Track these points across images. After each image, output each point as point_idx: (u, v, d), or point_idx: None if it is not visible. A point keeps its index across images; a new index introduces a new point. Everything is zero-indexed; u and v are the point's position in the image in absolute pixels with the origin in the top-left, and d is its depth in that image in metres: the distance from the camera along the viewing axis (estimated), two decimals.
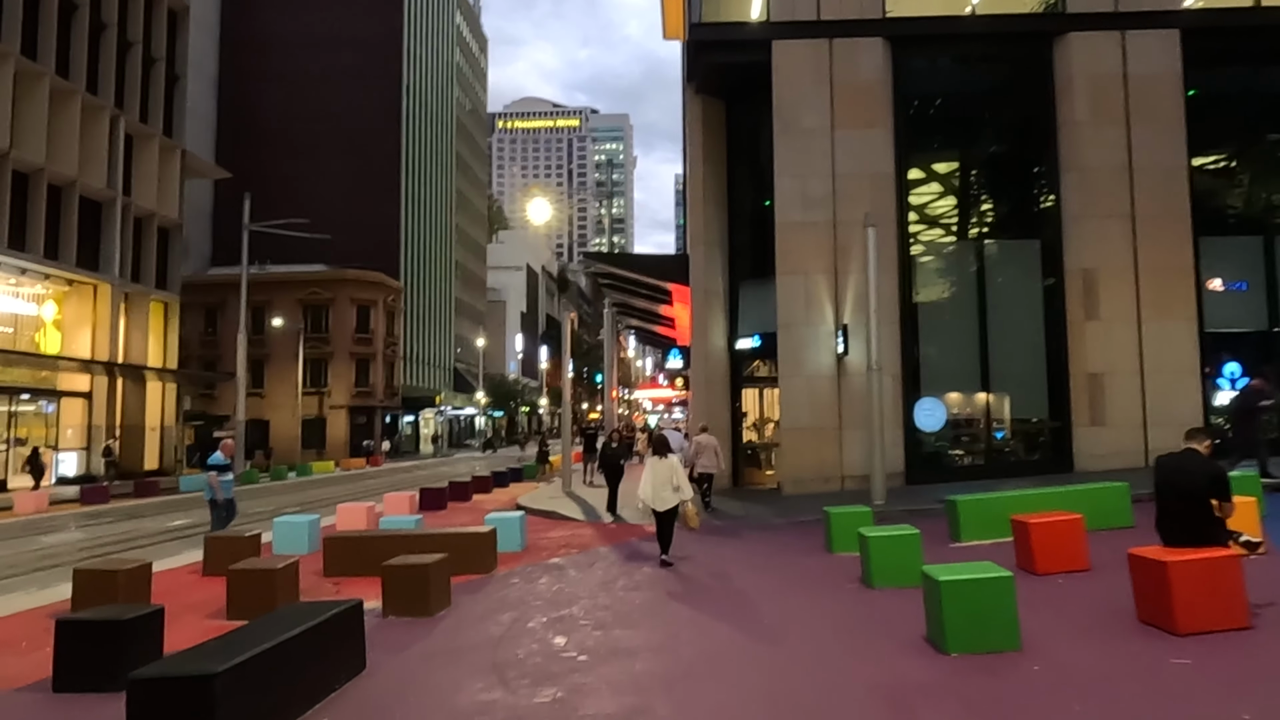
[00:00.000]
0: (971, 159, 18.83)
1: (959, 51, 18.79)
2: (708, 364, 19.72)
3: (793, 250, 17.87)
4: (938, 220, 18.75)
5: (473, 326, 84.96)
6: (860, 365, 17.30)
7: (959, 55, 18.91)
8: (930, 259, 18.82)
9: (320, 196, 64.24)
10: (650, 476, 10.59)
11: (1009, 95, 18.94)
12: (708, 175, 20.08)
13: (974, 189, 18.61)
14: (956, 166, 19.10)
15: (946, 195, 18.97)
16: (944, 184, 19.04)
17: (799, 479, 17.55)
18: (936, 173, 19.08)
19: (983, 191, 18.53)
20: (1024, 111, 18.74)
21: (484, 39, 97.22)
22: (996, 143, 18.79)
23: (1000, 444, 18.28)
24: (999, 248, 18.57)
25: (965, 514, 10.87)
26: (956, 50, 18.74)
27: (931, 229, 18.72)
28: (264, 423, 60.37)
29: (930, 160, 18.97)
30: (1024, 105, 18.73)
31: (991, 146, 18.74)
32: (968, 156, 18.93)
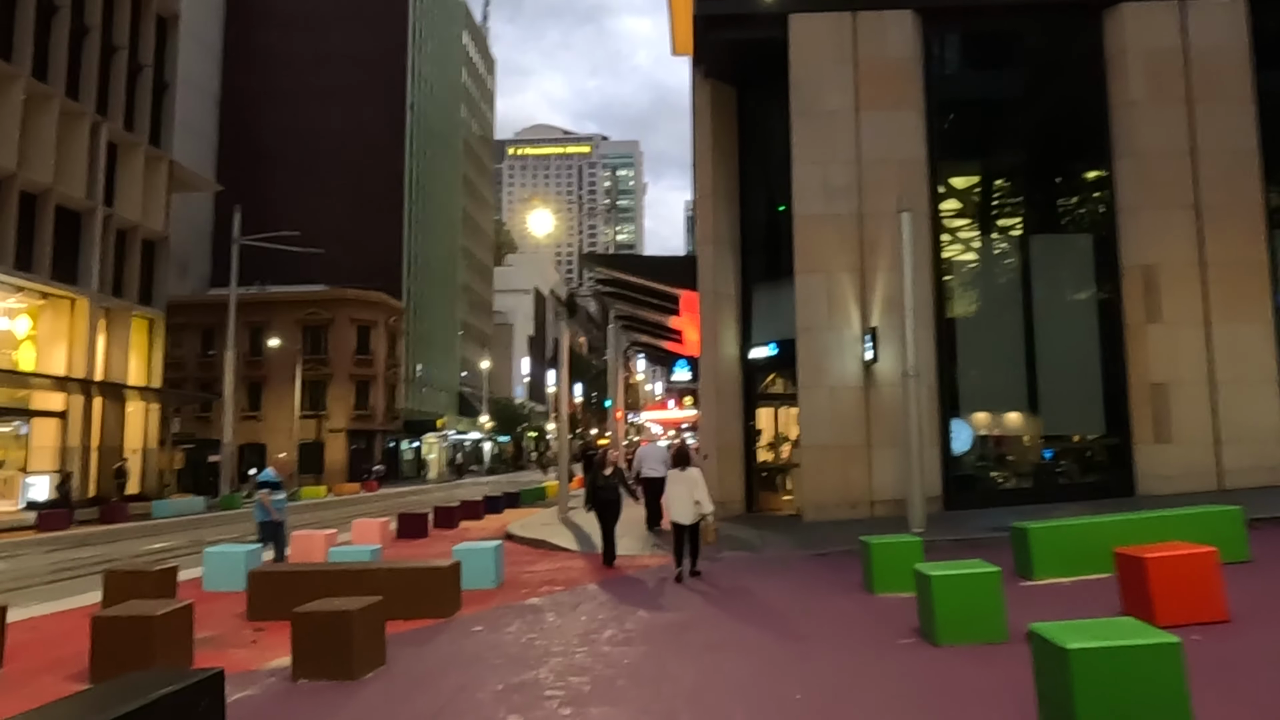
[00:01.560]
0: (1012, 145, 16.84)
1: (997, 25, 16.87)
2: (718, 376, 17.69)
3: (813, 246, 15.91)
4: (975, 212, 16.76)
5: (479, 350, 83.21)
6: (891, 374, 15.26)
7: (997, 29, 16.99)
8: (967, 256, 16.80)
9: (322, 215, 62.88)
10: (671, 489, 10.73)
11: (1053, 73, 16.98)
12: (717, 166, 18.19)
13: (1015, 178, 16.62)
14: (995, 153, 17.11)
15: (984, 185, 16.99)
16: (981, 172, 17.06)
17: (821, 504, 15.45)
18: (973, 160, 17.10)
19: (1025, 181, 16.54)
20: (1070, 91, 16.80)
21: (491, 60, 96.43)
22: (1040, 126, 16.79)
23: (1050, 464, 16.12)
24: (1045, 244, 16.52)
25: (1039, 545, 8.77)
26: (994, 23, 16.83)
27: (968, 222, 16.72)
28: (260, 446, 58.53)
29: (965, 146, 17.00)
30: (1070, 84, 16.80)
31: (1034, 131, 16.74)
32: (1007, 142, 16.94)
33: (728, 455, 17.49)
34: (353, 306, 59.37)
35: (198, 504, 30.86)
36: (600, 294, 26.77)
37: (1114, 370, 15.83)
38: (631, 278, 20.50)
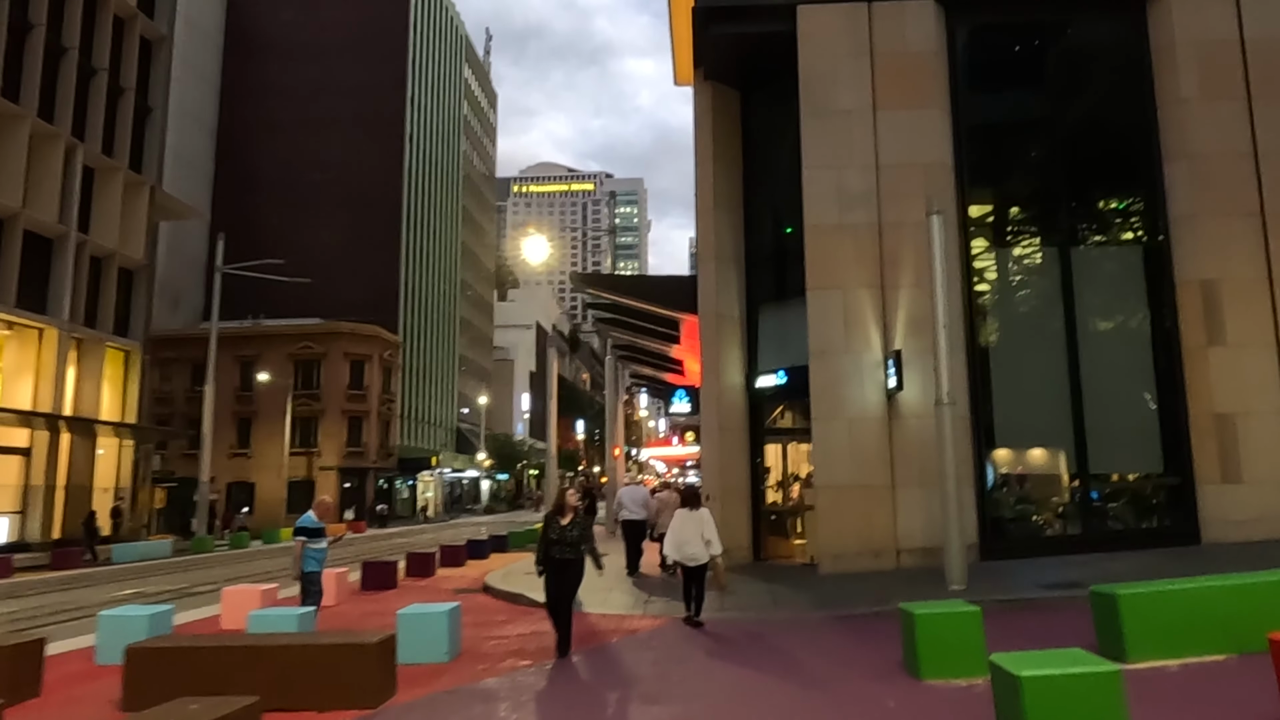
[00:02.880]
0: (1048, 147, 15.11)
1: (1028, 15, 15.26)
2: (721, 407, 15.82)
3: (827, 259, 14.13)
4: (1008, 223, 14.98)
5: (478, 385, 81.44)
6: (917, 403, 13.39)
7: (1028, 19, 15.38)
8: (1000, 271, 15.00)
9: (317, 247, 61.56)
10: (678, 530, 10.11)
11: (1092, 68, 15.30)
12: (719, 176, 16.49)
13: (1052, 183, 14.87)
14: (1030, 156, 15.38)
15: (1017, 192, 15.24)
16: (1014, 178, 15.32)
17: (840, 552, 13.48)
18: (1005, 164, 15.38)
19: (1064, 187, 14.78)
20: (1112, 88, 15.14)
21: (493, 94, 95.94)
22: (1079, 127, 15.07)
23: (1100, 507, 14.14)
24: (1088, 256, 14.73)
25: (1133, 616, 6.80)
26: (1025, 13, 15.22)
27: (1001, 233, 14.92)
28: (249, 485, 56.67)
29: (997, 148, 15.29)
30: (1112, 80, 15.14)
31: (1073, 132, 15.02)
32: (1043, 144, 15.21)
33: (732, 496, 15.57)
34: (346, 340, 57.71)
35: (164, 548, 28.82)
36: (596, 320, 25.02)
37: (1171, 400, 13.94)
38: (628, 300, 18.72)
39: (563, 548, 8.83)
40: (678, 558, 10.11)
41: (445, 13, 77.28)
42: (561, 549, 8.83)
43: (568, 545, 8.83)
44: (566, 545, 8.83)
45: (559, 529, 8.88)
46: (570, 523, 8.92)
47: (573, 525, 8.91)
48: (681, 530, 10.06)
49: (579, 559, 8.92)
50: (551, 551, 8.87)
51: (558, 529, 8.89)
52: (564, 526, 8.88)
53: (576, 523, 8.96)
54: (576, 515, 8.98)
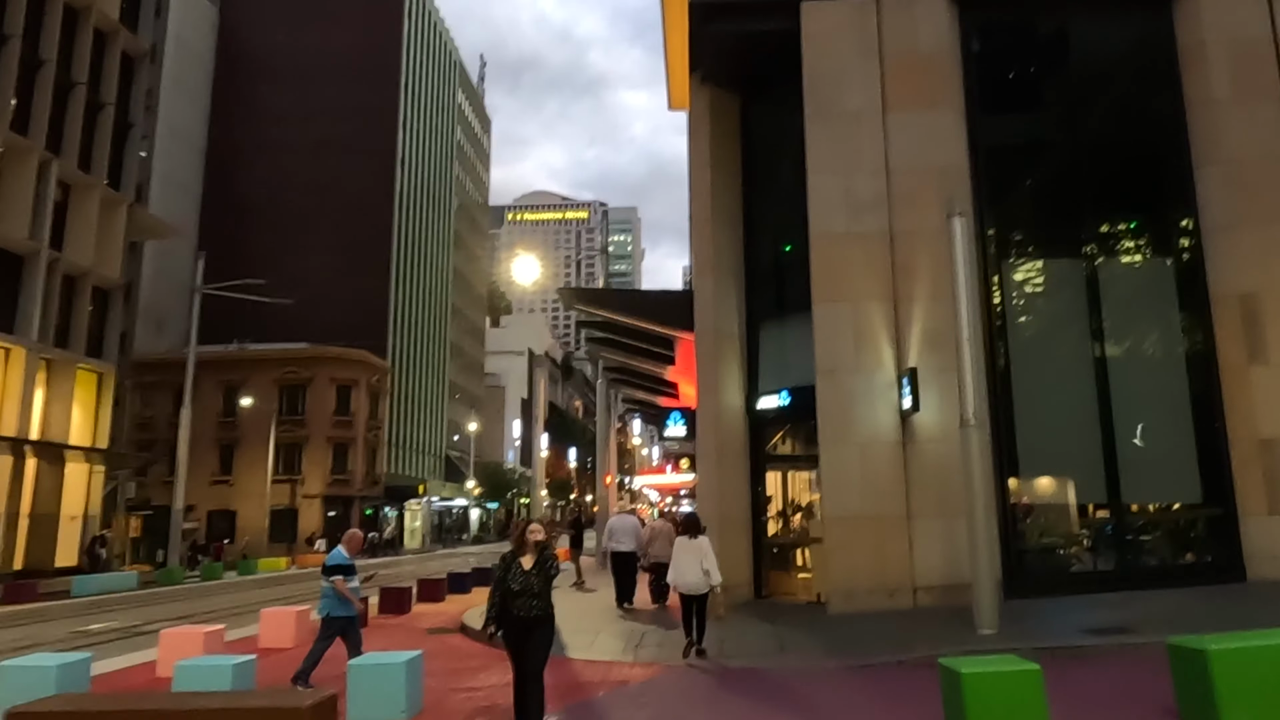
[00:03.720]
0: (1070, 151, 14.09)
1: (1047, 11, 14.36)
2: (719, 431, 14.66)
3: (834, 270, 13.06)
4: (1028, 232, 13.94)
5: (468, 412, 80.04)
6: (935, 426, 12.26)
7: (1047, 16, 14.46)
8: (1019, 285, 13.93)
9: (306, 270, 60.48)
10: (678, 558, 10.02)
11: (1117, 67, 14.35)
12: (717, 185, 15.46)
13: (1076, 190, 13.85)
14: (1051, 162, 14.37)
15: (1038, 199, 14.21)
16: (1034, 184, 14.30)
17: (851, 590, 12.26)
18: (1024, 170, 14.37)
19: (1088, 194, 13.77)
20: (1139, 88, 14.20)
21: (487, 119, 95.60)
22: (1103, 130, 14.09)
23: (1134, 541, 12.96)
24: (1115, 269, 13.69)
25: (1226, 673, 5.60)
26: (1043, 9, 14.32)
27: (1020, 244, 13.86)
28: (230, 513, 55.16)
29: (1015, 154, 14.28)
30: (1138, 80, 14.20)
31: (1097, 136, 14.03)
32: (1064, 149, 14.19)
33: (731, 527, 14.35)
34: (333, 365, 56.46)
35: (130, 579, 27.31)
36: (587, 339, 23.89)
37: (1209, 424, 12.82)
38: (620, 317, 17.60)
39: (527, 600, 6.51)
40: (678, 587, 9.99)
41: (440, 38, 77.00)
42: (525, 602, 6.51)
43: (533, 597, 6.54)
44: (532, 597, 6.53)
45: (520, 576, 6.56)
46: (536, 566, 6.60)
47: (539, 569, 6.60)
48: (681, 559, 9.94)
49: (548, 615, 6.66)
50: (511, 606, 6.53)
51: (519, 576, 6.56)
52: (527, 571, 6.58)
53: (544, 565, 6.63)
54: (544, 555, 6.70)
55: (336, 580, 9.09)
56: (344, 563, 9.24)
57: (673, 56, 17.98)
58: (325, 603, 9.27)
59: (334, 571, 9.14)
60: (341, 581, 9.11)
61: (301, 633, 12.43)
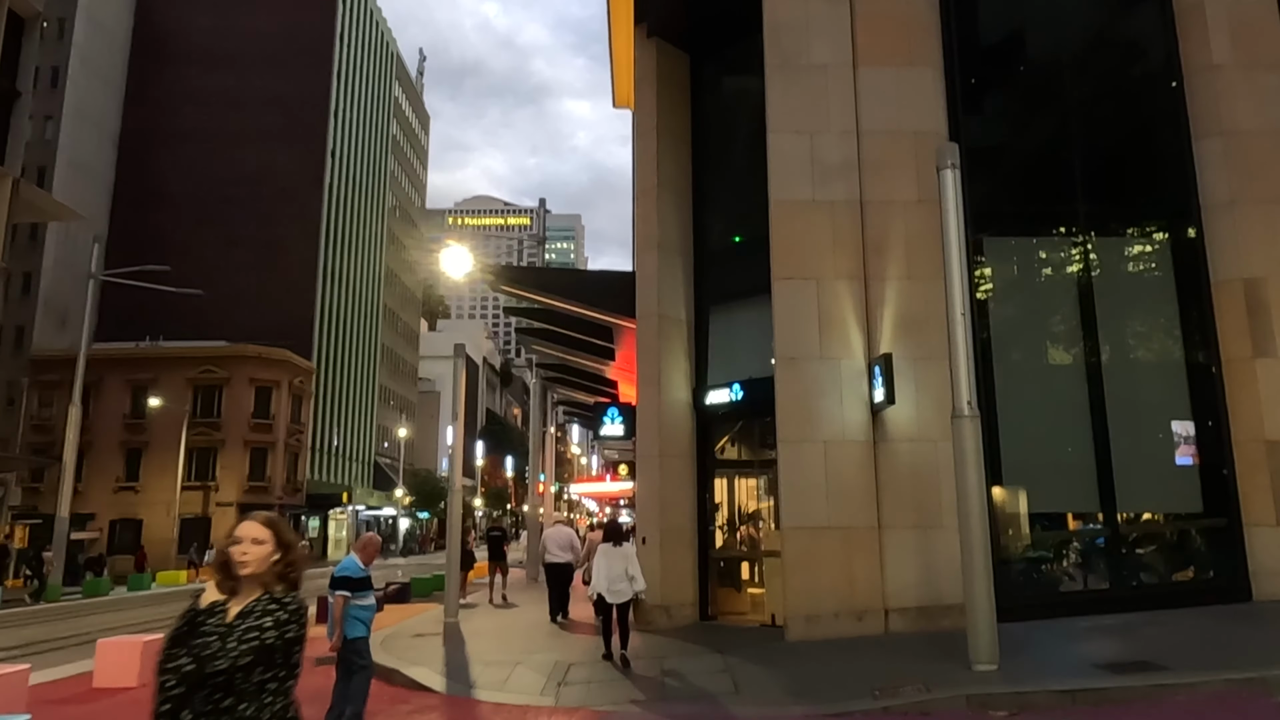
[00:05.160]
0: (1059, 119, 12.66)
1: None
2: (662, 428, 12.83)
3: (797, 243, 11.38)
4: (1012, 207, 12.40)
5: (400, 418, 76.85)
6: (910, 422, 10.65)
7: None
8: (1002, 267, 12.41)
9: (227, 265, 57.02)
10: (604, 566, 9.87)
11: (1111, 29, 13.03)
12: (663, 153, 13.68)
13: (1064, 162, 12.40)
14: (1037, 130, 12.92)
15: (1023, 171, 12.73)
16: (1019, 155, 12.83)
17: (813, 613, 10.52)
18: (1008, 138, 12.90)
19: (1078, 166, 12.32)
20: (1133, 52, 12.89)
21: (426, 116, 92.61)
22: (1093, 97, 12.67)
23: (1129, 555, 11.49)
24: (1107, 251, 12.26)
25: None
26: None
27: (1003, 221, 12.29)
28: (136, 522, 51.33)
29: (999, 120, 12.81)
30: (1133, 44, 12.89)
31: (1087, 102, 12.61)
32: (1053, 115, 12.77)
33: (675, 540, 12.53)
34: (253, 365, 53.10)
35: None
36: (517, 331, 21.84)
37: (1209, 423, 11.45)
38: (553, 301, 15.64)
39: (200, 698, 2.71)
40: (604, 594, 9.83)
41: (376, 27, 74.09)
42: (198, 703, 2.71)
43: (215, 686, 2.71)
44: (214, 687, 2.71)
45: (203, 639, 2.75)
46: (241, 618, 2.82)
47: (246, 623, 2.80)
48: (608, 567, 9.84)
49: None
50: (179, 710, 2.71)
51: (202, 641, 2.76)
52: (223, 631, 2.78)
53: (259, 615, 2.82)
54: (266, 605, 2.86)
55: (337, 598, 7.00)
56: (355, 574, 7.15)
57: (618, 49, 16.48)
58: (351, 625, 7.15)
59: (339, 585, 7.05)
60: (342, 601, 7.00)
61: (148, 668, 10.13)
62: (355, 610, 7.15)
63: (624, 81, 17.12)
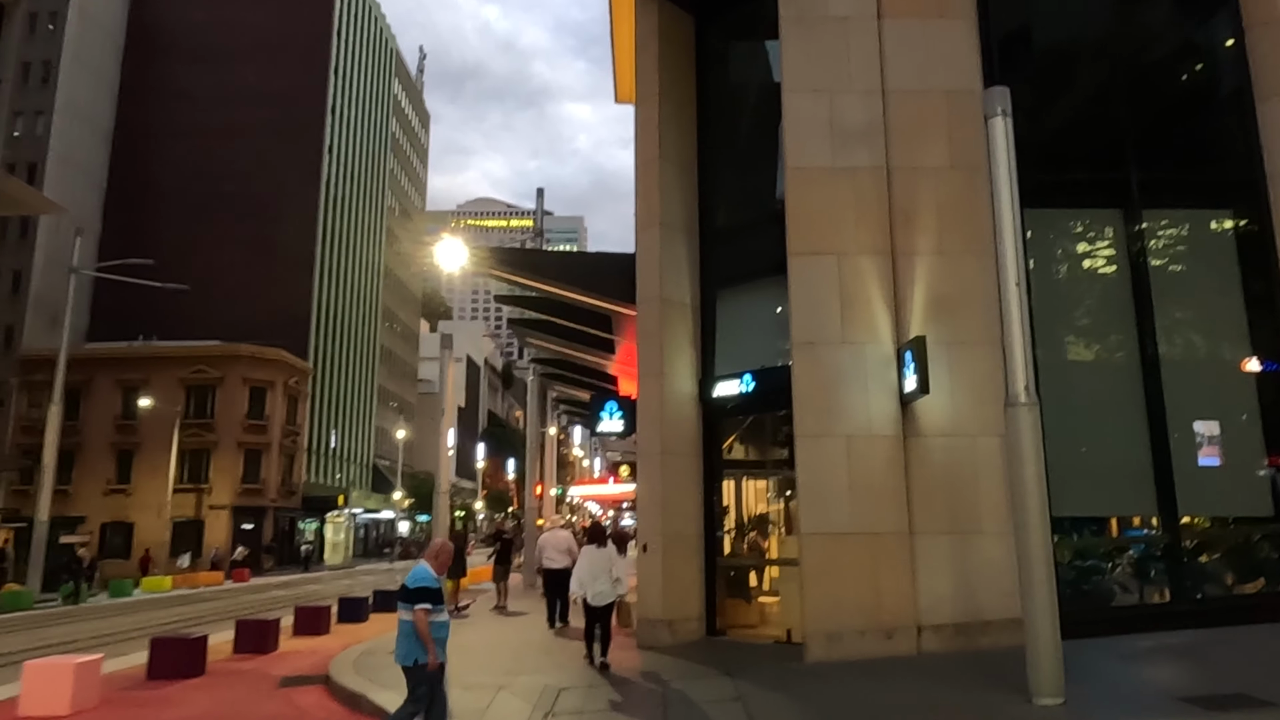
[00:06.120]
0: (1105, 78, 11.43)
1: None
2: (664, 423, 11.61)
3: (816, 215, 10.17)
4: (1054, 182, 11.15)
5: (399, 419, 75.61)
6: (946, 415, 9.44)
7: None
8: (1043, 245, 11.16)
9: (222, 263, 55.96)
10: (585, 568, 9.89)
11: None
12: (665, 121, 12.46)
13: (1112, 126, 11.16)
14: (1082, 90, 11.69)
15: (1067, 137, 11.49)
16: (1062, 117, 11.59)
17: (836, 630, 9.30)
18: (1049, 99, 11.66)
19: (1128, 130, 11.07)
20: (1185, 3, 11.64)
21: (426, 114, 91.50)
22: (1144, 53, 11.46)
23: (1193, 565, 10.24)
24: (1157, 224, 11.02)
25: None
26: None
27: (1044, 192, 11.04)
28: (128, 525, 50.23)
29: (1039, 79, 11.52)
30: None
31: (1136, 59, 11.38)
32: (1098, 74, 11.54)
33: (679, 546, 11.32)
34: (246, 364, 51.95)
35: None
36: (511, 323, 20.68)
37: None
38: (549, 286, 14.43)
39: None
40: (584, 596, 9.78)
41: (375, 23, 73.02)
42: None
43: None
44: None
45: None
46: None
47: None
48: (589, 568, 9.80)
49: None
50: None
51: None
52: None
53: None
54: None
55: (419, 612, 6.02)
56: (431, 585, 6.24)
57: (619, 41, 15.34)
58: (405, 645, 6.17)
59: (417, 597, 6.11)
60: (424, 616, 6.04)
61: (112, 685, 8.95)
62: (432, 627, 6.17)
63: (626, 74, 16.10)
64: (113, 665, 12.35)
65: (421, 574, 6.29)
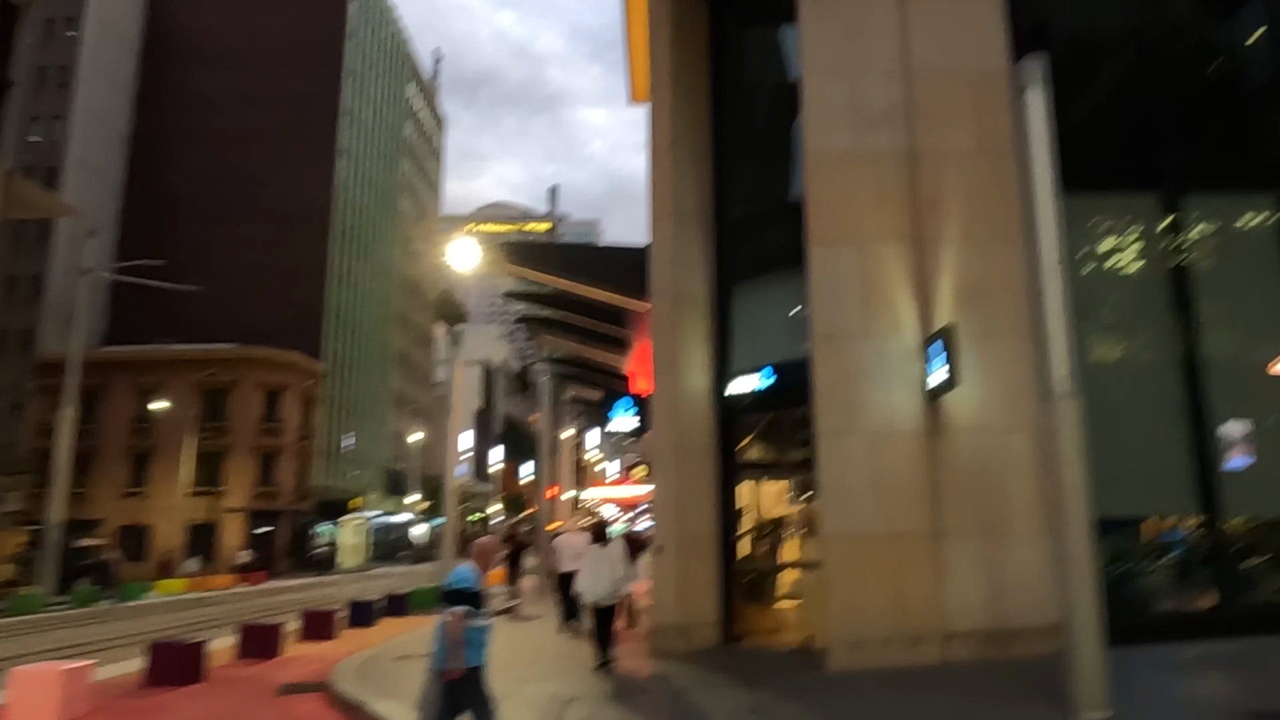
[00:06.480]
0: (1141, 53, 10.91)
1: None
2: (678, 421, 11.18)
3: (836, 203, 9.71)
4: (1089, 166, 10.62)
5: (414, 422, 75.49)
6: (975, 409, 8.96)
7: None
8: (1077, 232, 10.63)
9: (237, 266, 56.12)
10: (590, 568, 9.85)
11: None
12: (679, 108, 12.05)
13: (1148, 106, 10.64)
14: (1115, 66, 11.16)
15: (1097, 115, 10.96)
16: (1098, 99, 11.05)
17: (859, 638, 8.82)
18: (1084, 80, 11.12)
19: (1163, 112, 10.55)
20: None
21: (440, 117, 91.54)
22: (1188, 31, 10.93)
23: (1232, 568, 9.68)
24: (1197, 212, 10.44)
25: None
26: None
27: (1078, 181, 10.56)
28: (142, 529, 50.25)
29: (1072, 58, 11.00)
30: None
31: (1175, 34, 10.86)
32: (1134, 49, 11.01)
33: (694, 548, 10.88)
34: (261, 368, 51.98)
35: None
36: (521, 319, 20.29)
37: None
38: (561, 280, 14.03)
39: None
40: (589, 597, 9.72)
41: (388, 26, 73.10)
42: None
43: None
44: None
45: None
46: None
47: None
48: (594, 568, 9.75)
49: None
50: None
51: None
52: None
53: None
54: None
55: (450, 615, 5.53)
56: (470, 587, 5.71)
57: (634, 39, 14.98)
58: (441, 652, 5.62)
59: (455, 599, 5.60)
60: (458, 620, 5.52)
61: (72, 701, 8.59)
62: (471, 632, 5.66)
63: (640, 73, 15.77)
64: (112, 671, 12.04)
65: (462, 574, 5.80)
